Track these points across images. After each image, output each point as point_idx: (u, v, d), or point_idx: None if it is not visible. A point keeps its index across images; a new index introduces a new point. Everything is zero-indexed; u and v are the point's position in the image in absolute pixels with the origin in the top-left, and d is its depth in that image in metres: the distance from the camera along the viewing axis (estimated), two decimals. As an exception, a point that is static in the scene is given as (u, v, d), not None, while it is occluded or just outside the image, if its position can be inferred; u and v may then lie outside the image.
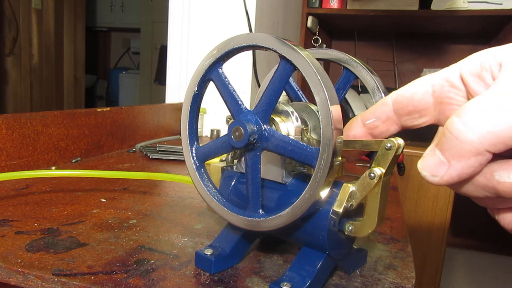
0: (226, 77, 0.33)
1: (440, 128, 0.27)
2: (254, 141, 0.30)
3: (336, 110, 0.27)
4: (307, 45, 1.82)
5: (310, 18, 1.80)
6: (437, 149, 0.24)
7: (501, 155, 0.23)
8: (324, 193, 0.29)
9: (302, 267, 0.33)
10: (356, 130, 0.31)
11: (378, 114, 0.30)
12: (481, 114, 0.22)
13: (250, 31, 1.19)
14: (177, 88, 1.27)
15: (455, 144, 0.22)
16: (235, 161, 0.39)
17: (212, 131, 1.17)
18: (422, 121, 0.28)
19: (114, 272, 0.34)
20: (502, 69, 0.23)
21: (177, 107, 1.12)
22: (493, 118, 0.21)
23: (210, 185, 0.35)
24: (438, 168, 0.23)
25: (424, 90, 0.27)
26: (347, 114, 1.45)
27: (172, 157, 0.81)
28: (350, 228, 0.32)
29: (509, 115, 0.21)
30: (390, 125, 0.30)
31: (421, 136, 1.55)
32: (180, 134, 0.36)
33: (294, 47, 0.28)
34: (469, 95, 0.26)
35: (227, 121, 0.34)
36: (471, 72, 0.25)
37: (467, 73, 0.25)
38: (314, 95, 0.27)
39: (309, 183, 0.28)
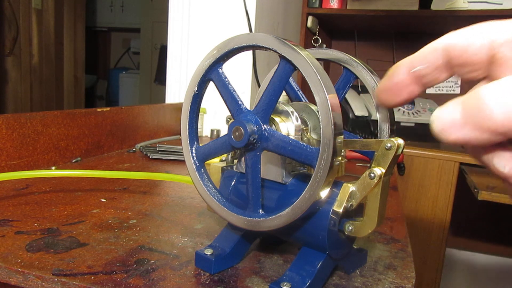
0: (226, 77, 0.33)
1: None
2: (254, 141, 0.30)
3: (336, 110, 0.27)
4: (307, 45, 1.82)
5: (310, 18, 1.80)
6: (461, 106, 0.21)
7: None
8: (324, 193, 0.29)
9: (302, 267, 0.33)
10: (400, 77, 0.26)
11: (429, 60, 0.25)
12: None
13: (250, 31, 1.19)
14: (177, 88, 1.27)
15: (477, 114, 0.20)
16: (235, 161, 0.39)
17: (212, 131, 1.17)
18: (473, 75, 0.25)
19: (114, 272, 0.34)
20: None
21: (177, 107, 1.12)
22: None
23: (210, 185, 0.35)
24: (451, 126, 0.21)
25: (481, 43, 0.23)
26: (347, 114, 1.45)
27: (172, 157, 0.81)
28: (350, 228, 0.32)
29: None
30: (440, 73, 0.26)
31: (421, 136, 1.55)
32: (180, 134, 0.36)
33: (294, 47, 0.28)
34: None
35: (227, 121, 0.34)
36: None
37: None
38: (314, 95, 0.27)
39: (309, 183, 0.28)
